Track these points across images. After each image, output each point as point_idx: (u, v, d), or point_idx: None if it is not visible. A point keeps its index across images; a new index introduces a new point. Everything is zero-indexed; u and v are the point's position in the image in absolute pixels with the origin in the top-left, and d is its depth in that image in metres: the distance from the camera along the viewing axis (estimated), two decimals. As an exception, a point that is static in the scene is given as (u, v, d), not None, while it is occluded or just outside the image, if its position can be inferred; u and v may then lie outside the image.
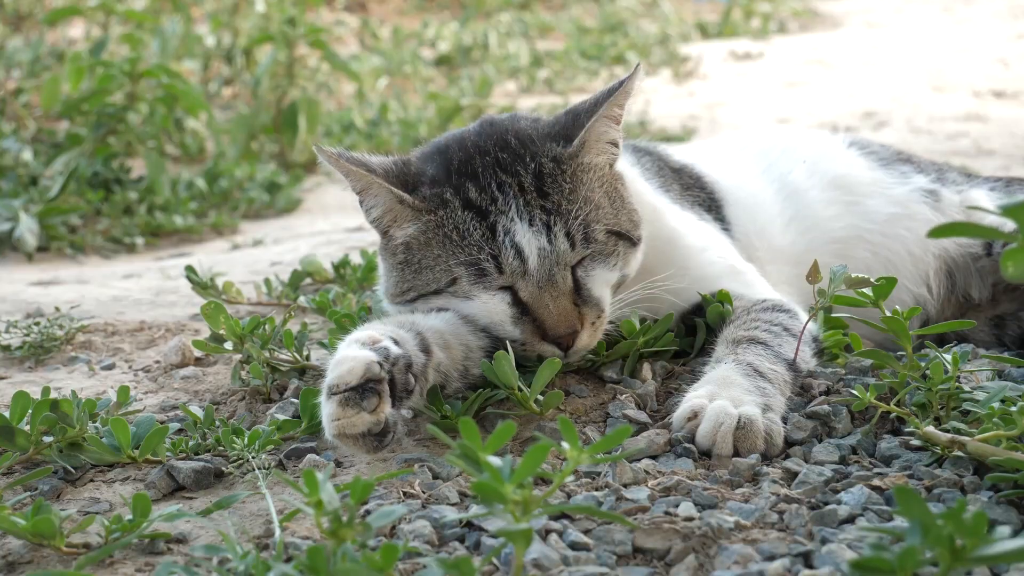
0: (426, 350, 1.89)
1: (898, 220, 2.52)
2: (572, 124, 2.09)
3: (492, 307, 2.00)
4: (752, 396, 1.85)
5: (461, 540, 1.57)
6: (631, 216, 2.11)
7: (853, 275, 1.98)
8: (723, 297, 2.16)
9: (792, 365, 1.99)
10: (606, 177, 2.10)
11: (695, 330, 2.21)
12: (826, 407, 1.92)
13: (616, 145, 2.13)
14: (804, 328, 2.06)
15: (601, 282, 2.04)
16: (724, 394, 1.85)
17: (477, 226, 1.99)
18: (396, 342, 1.83)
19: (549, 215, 1.99)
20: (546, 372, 1.92)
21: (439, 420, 1.92)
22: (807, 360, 2.05)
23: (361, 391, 1.72)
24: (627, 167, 2.23)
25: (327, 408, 1.74)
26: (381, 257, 2.15)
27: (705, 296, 2.18)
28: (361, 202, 2.08)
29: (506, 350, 1.93)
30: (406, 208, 2.04)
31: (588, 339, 2.02)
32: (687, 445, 1.81)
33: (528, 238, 1.97)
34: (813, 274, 2.02)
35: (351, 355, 1.75)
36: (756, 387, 1.87)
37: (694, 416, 1.84)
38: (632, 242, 2.09)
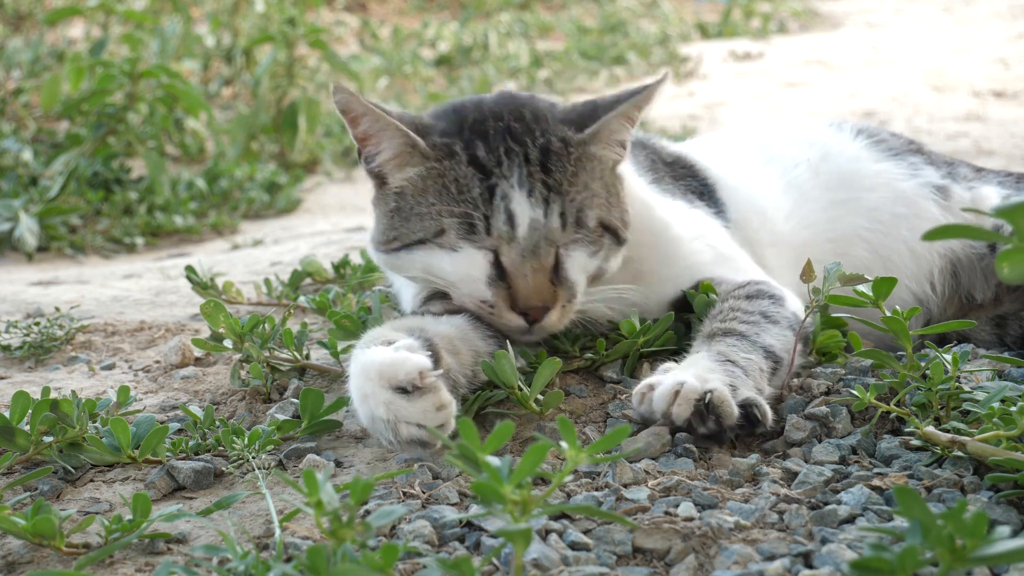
0: (435, 356, 1.88)
1: (904, 219, 2.50)
2: (589, 114, 2.12)
3: (474, 262, 2.00)
4: (716, 375, 1.84)
5: (461, 540, 1.57)
6: (623, 216, 2.12)
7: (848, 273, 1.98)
8: (706, 288, 2.16)
9: (770, 352, 1.97)
10: (608, 173, 2.12)
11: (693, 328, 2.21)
12: (825, 408, 1.92)
13: (624, 147, 2.16)
14: (801, 325, 2.05)
15: (579, 267, 2.05)
16: (688, 372, 1.84)
17: (477, 184, 2.01)
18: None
19: (549, 191, 2.01)
20: (546, 371, 1.93)
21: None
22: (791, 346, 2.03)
23: None
24: (624, 162, 2.24)
25: None
26: (374, 206, 2.15)
27: (688, 291, 2.18)
28: (364, 147, 2.09)
29: (505, 348, 1.93)
30: (415, 153, 2.05)
31: (556, 319, 2.02)
32: (687, 446, 1.81)
33: (523, 207, 1.99)
34: (807, 273, 2.01)
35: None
36: (724, 370, 1.86)
37: (650, 390, 1.85)
38: (618, 240, 2.10)
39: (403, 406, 1.73)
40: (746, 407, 1.80)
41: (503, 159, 2.02)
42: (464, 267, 2.01)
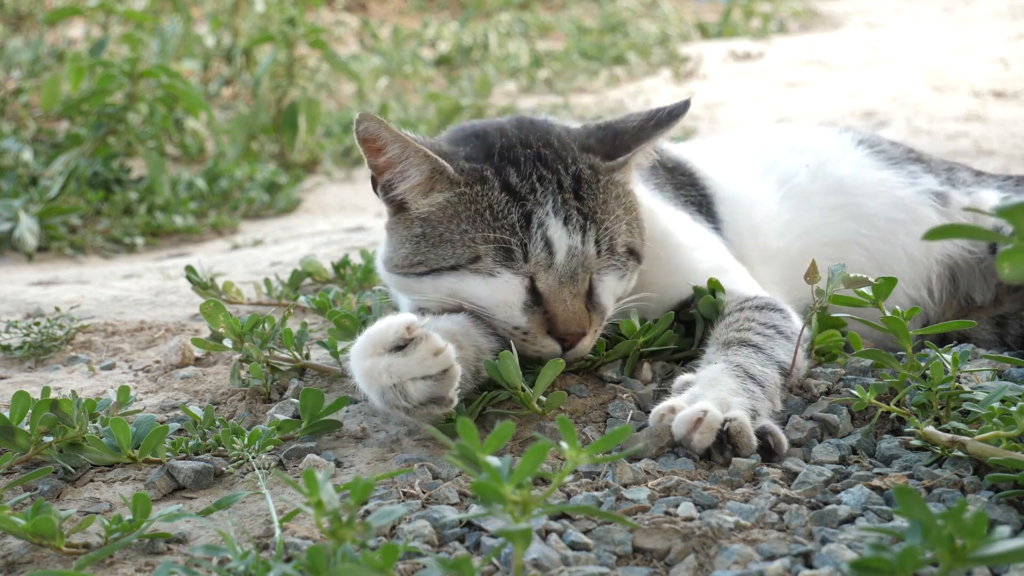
0: None
1: (901, 224, 2.50)
2: (612, 142, 2.14)
3: (511, 288, 2.00)
4: (739, 398, 1.83)
5: (461, 540, 1.57)
6: (642, 233, 2.14)
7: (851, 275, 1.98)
8: (714, 286, 2.16)
9: (784, 368, 1.98)
10: (627, 196, 2.14)
11: (692, 328, 2.21)
12: (829, 413, 1.92)
13: (640, 167, 2.20)
14: (801, 332, 2.05)
15: (610, 292, 2.07)
16: (708, 394, 1.83)
17: (512, 211, 2.01)
18: None
19: (585, 219, 2.03)
20: (549, 372, 1.93)
21: (442, 422, 1.92)
22: (800, 363, 2.04)
23: None
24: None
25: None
26: (390, 230, 2.12)
27: (697, 288, 2.18)
28: (383, 175, 2.06)
29: (510, 349, 1.93)
30: (442, 179, 2.04)
31: (588, 343, 2.04)
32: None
33: (560, 234, 2.00)
34: (811, 274, 2.01)
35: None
36: (746, 390, 1.86)
37: (670, 412, 1.82)
38: (639, 260, 2.13)
39: (402, 363, 1.76)
40: (763, 436, 1.79)
41: (536, 186, 2.03)
42: (500, 293, 2.01)
